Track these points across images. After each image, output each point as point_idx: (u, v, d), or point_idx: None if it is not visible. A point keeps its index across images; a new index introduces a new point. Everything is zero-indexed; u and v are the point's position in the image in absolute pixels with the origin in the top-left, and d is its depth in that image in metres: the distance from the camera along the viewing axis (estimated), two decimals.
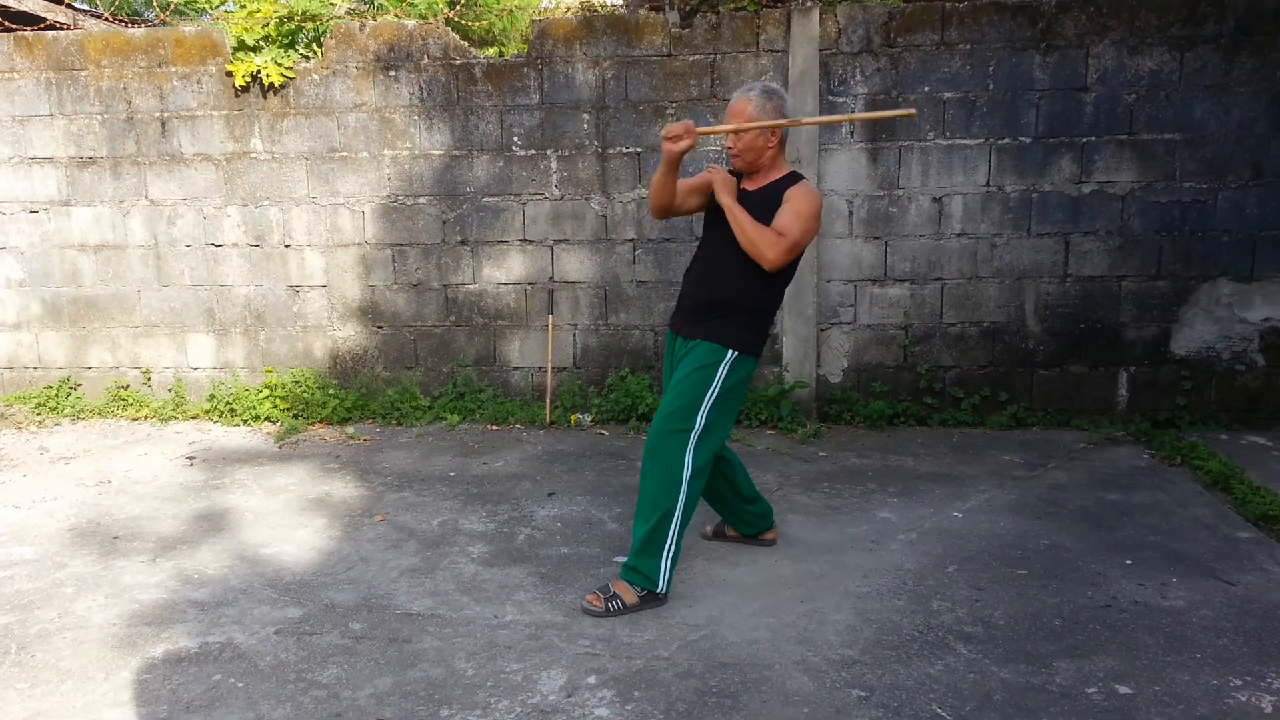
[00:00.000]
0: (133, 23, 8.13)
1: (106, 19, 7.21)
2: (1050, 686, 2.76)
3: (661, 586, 3.24)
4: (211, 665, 2.94)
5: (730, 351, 3.25)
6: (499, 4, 8.79)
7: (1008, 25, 5.26)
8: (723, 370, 3.24)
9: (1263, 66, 5.13)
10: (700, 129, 3.18)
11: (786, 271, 3.29)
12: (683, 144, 3.13)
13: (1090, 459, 4.90)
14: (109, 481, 4.75)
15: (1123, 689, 2.74)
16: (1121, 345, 5.46)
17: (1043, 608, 3.26)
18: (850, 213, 5.50)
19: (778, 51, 5.42)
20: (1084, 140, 5.30)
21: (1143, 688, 2.75)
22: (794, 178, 3.30)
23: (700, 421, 3.22)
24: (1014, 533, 3.92)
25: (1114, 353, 5.47)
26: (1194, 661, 2.89)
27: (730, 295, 3.28)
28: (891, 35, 5.33)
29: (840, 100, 5.40)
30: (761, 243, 3.16)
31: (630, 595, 3.24)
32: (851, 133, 5.42)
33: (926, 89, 5.35)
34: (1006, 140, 5.34)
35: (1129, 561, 3.63)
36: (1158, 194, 5.31)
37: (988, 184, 5.39)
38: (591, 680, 2.82)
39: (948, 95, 5.34)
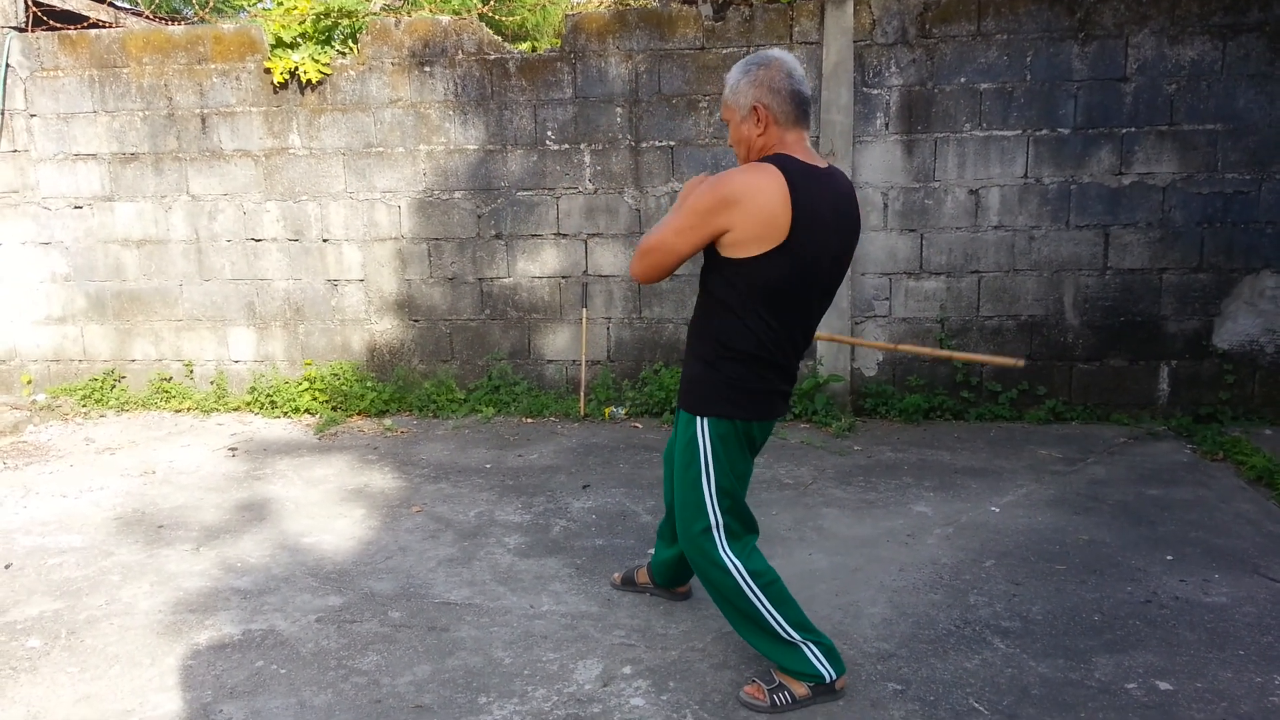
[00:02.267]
0: (173, 20, 8.26)
1: (147, 17, 7.32)
2: (1089, 681, 2.74)
3: (823, 673, 2.63)
4: (254, 652, 3.00)
5: (700, 420, 2.59)
6: None
7: (1045, 15, 5.20)
8: (704, 442, 2.59)
9: None
10: None
11: (739, 289, 2.45)
12: None
13: (1130, 454, 4.85)
14: (153, 472, 4.84)
15: (1163, 685, 2.72)
16: (1162, 339, 5.39)
17: (1081, 603, 3.23)
18: (885, 205, 5.47)
19: (811, 44, 5.40)
20: (1123, 131, 5.23)
21: (1184, 684, 2.72)
22: (751, 164, 2.46)
23: (711, 509, 2.64)
24: (1052, 527, 3.89)
25: (1155, 346, 5.40)
26: (1237, 659, 2.86)
27: (699, 344, 2.62)
28: (927, 26, 5.29)
29: (875, 92, 5.37)
30: (636, 251, 2.55)
31: (800, 688, 2.64)
32: (886, 125, 5.39)
33: (962, 80, 5.30)
34: (1044, 131, 5.29)
35: (1170, 557, 3.59)
36: (1199, 185, 5.23)
37: (1025, 175, 5.34)
38: (627, 670, 2.84)
39: (984, 86, 5.29)
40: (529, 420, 5.65)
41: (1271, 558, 3.56)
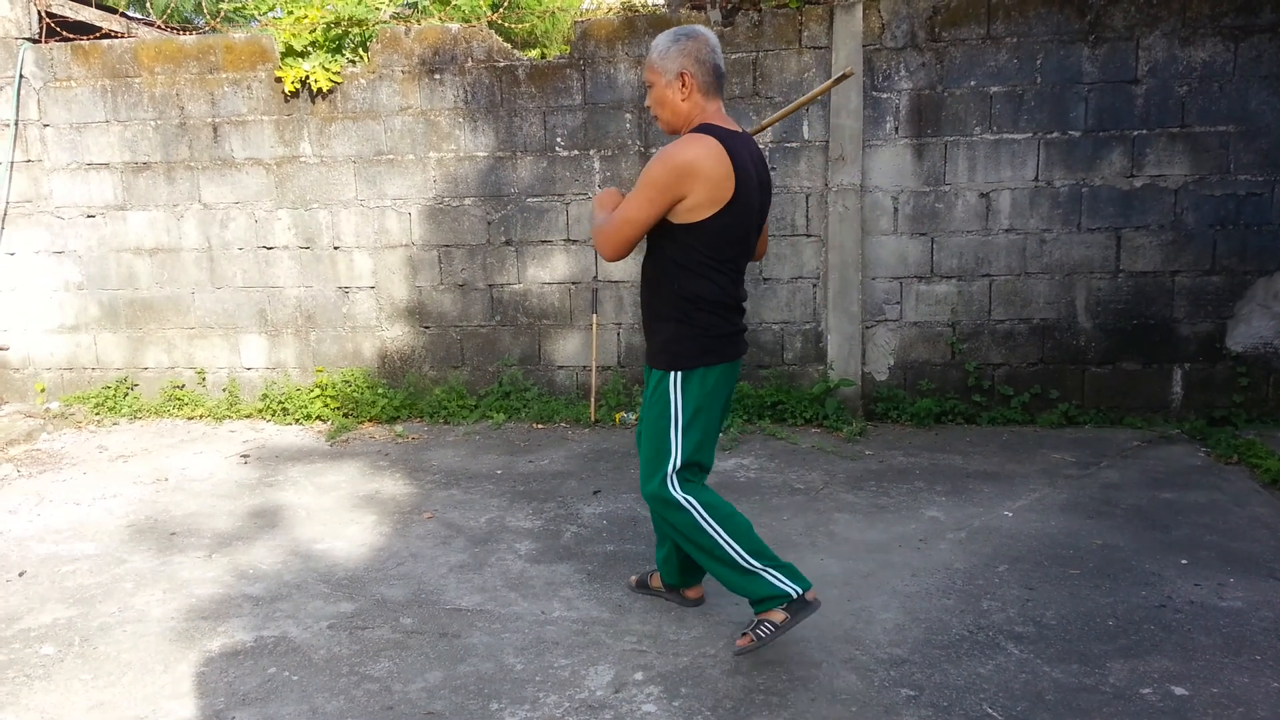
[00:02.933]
0: (184, 30, 8.31)
1: (159, 27, 7.37)
2: (1104, 687, 2.72)
3: (788, 590, 2.78)
4: (267, 658, 3.00)
5: (675, 375, 2.82)
6: (540, 6, 8.84)
7: (1055, 18, 5.19)
8: (677, 395, 2.82)
9: None
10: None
11: (697, 250, 2.74)
12: None
13: (1144, 457, 4.82)
14: (166, 479, 4.86)
15: (1179, 690, 2.70)
16: (1175, 342, 5.36)
17: (1096, 608, 3.21)
18: (895, 209, 5.46)
19: (820, 48, 5.40)
20: (1135, 133, 5.21)
21: (1199, 689, 2.70)
22: (690, 135, 2.73)
23: (674, 454, 2.83)
24: (1066, 532, 3.87)
25: (1167, 349, 5.37)
26: (1253, 664, 2.84)
27: (665, 308, 2.85)
28: (936, 30, 5.28)
29: (885, 96, 5.37)
30: (595, 237, 2.84)
31: (776, 615, 2.78)
32: (896, 129, 5.38)
33: (973, 83, 5.29)
34: (1055, 134, 5.27)
35: (1184, 561, 3.56)
36: (1211, 187, 5.20)
37: (1036, 179, 5.32)
38: (639, 676, 2.83)
39: (994, 89, 5.28)
40: (540, 426, 5.65)
41: None
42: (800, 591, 2.78)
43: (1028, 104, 5.27)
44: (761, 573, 2.79)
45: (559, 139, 5.70)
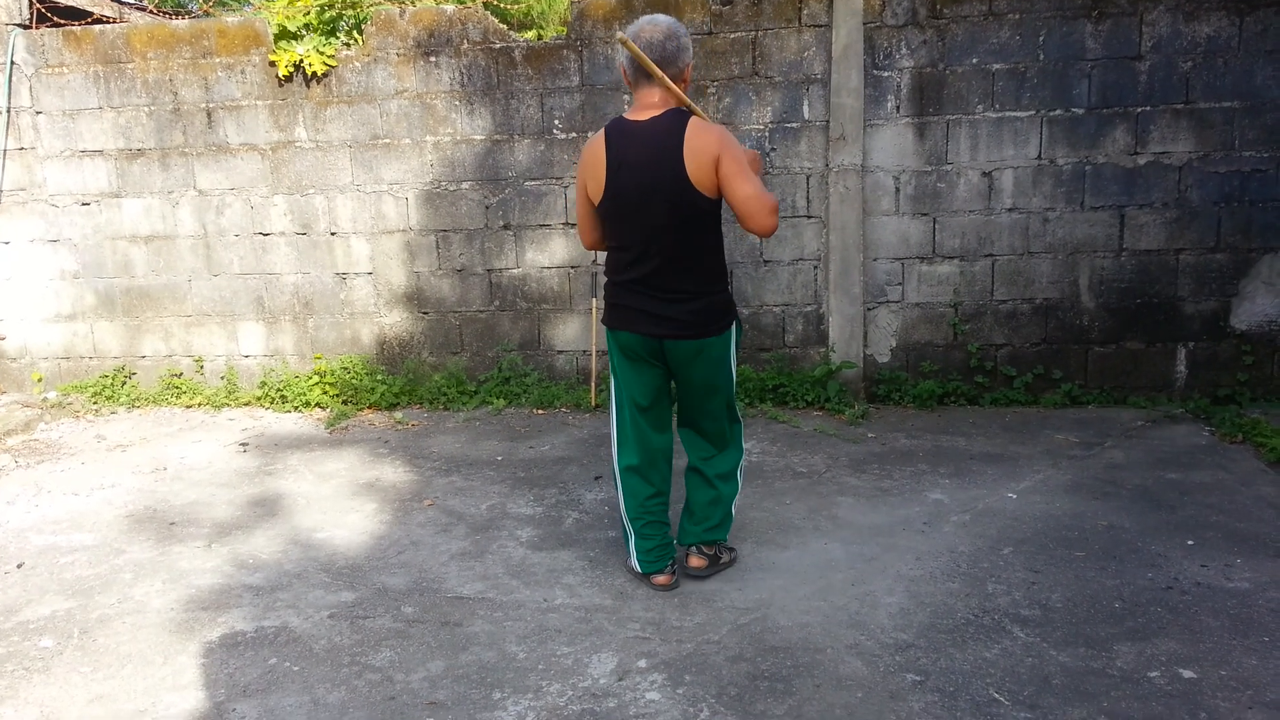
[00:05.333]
0: (177, 14, 8.23)
1: (151, 11, 7.30)
2: (1111, 670, 2.70)
3: (635, 565, 3.33)
4: (267, 649, 2.98)
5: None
6: None
7: None
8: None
9: None
10: None
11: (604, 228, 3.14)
12: None
13: (1148, 437, 4.79)
14: (165, 468, 4.83)
15: (1186, 673, 2.68)
16: (1179, 320, 5.32)
17: (1102, 590, 3.19)
18: (897, 189, 5.40)
19: (820, 26, 5.33)
20: (1138, 110, 5.15)
21: (1208, 671, 2.68)
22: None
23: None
24: (1070, 513, 3.84)
25: (1171, 328, 5.33)
26: (1262, 645, 2.81)
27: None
28: (937, 6, 5.22)
29: (885, 74, 5.30)
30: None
31: (631, 563, 3.36)
32: (897, 108, 5.32)
33: (975, 60, 5.23)
34: (1058, 111, 5.21)
35: (1191, 542, 3.54)
36: (1216, 164, 5.15)
37: (1039, 157, 5.26)
38: (642, 664, 2.81)
39: (996, 67, 5.22)
40: (540, 411, 5.62)
41: None
42: (639, 573, 3.32)
43: (1030, 81, 5.21)
44: (628, 533, 3.34)
45: (556, 121, 5.64)
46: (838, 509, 3.97)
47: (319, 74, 5.68)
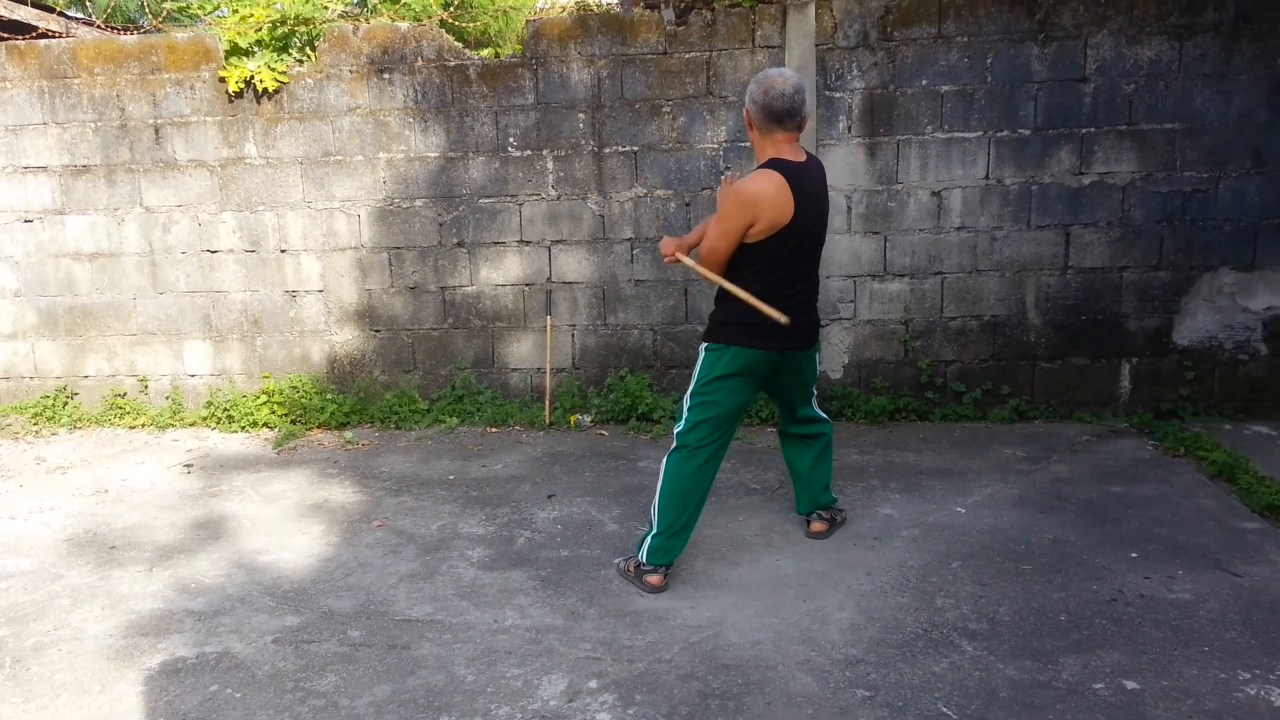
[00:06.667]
0: (126, 30, 8.11)
1: (99, 26, 7.19)
2: (1057, 683, 2.73)
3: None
4: (209, 675, 2.91)
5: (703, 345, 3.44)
6: (493, 5, 8.76)
7: (1005, 17, 5.22)
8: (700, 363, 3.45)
9: (1263, 54, 5.09)
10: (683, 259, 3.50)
11: (750, 258, 3.28)
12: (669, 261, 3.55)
13: (1093, 451, 4.87)
14: (106, 491, 4.72)
15: (1130, 684, 2.71)
16: (1123, 336, 5.42)
17: (1048, 603, 3.22)
18: (849, 208, 5.46)
19: (774, 47, 5.38)
20: (1083, 131, 5.26)
21: (1150, 682, 2.72)
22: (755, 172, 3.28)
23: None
24: (1018, 527, 3.89)
25: (1116, 344, 5.43)
26: (1202, 655, 2.86)
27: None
28: (888, 29, 5.29)
29: (837, 95, 5.37)
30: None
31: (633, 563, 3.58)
32: (849, 128, 5.39)
33: (924, 82, 5.31)
34: (1005, 133, 5.31)
35: (1134, 554, 3.59)
36: (1158, 184, 5.27)
37: (987, 177, 5.35)
38: (593, 684, 2.79)
39: (945, 88, 5.31)
40: (493, 430, 5.58)
41: (1234, 553, 3.57)
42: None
43: (978, 103, 5.30)
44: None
45: (511, 139, 5.63)
46: (790, 525, 3.98)
47: (270, 90, 5.62)
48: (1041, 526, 3.89)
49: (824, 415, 3.84)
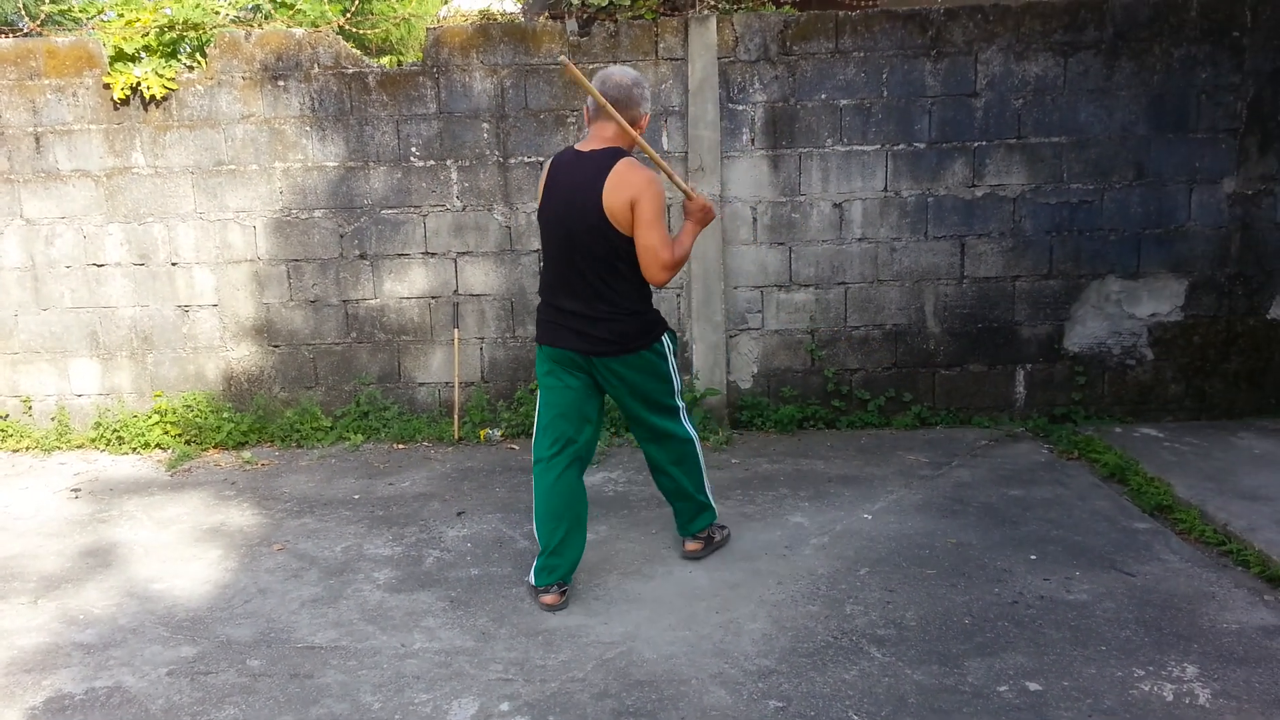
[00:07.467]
0: (2, 33, 7.71)
1: None
2: (963, 687, 2.79)
3: (532, 578, 3.48)
4: (98, 712, 2.77)
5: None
6: (394, 12, 8.61)
7: (899, 33, 5.35)
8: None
9: (1141, 71, 5.33)
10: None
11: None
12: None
13: (992, 456, 5.01)
14: None
15: (1033, 686, 2.79)
16: (1017, 343, 5.60)
17: (952, 607, 3.30)
18: (754, 219, 5.52)
19: (677, 60, 5.42)
20: (975, 144, 5.43)
21: (1052, 683, 2.80)
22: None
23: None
24: (922, 532, 3.97)
25: (1010, 351, 5.61)
26: (1099, 654, 2.96)
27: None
28: (788, 44, 5.38)
29: (740, 108, 5.43)
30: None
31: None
32: (752, 140, 5.45)
33: (823, 96, 5.41)
34: (902, 146, 5.44)
35: (1033, 556, 3.70)
36: (1047, 195, 5.47)
37: (885, 189, 5.48)
38: (504, 707, 2.74)
39: (844, 102, 5.41)
40: (400, 446, 5.46)
41: (1127, 552, 3.71)
42: (533, 585, 3.42)
43: (875, 117, 5.42)
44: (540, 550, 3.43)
45: (414, 149, 5.53)
46: None
47: (158, 97, 5.41)
48: (944, 531, 3.98)
49: (682, 433, 3.61)
